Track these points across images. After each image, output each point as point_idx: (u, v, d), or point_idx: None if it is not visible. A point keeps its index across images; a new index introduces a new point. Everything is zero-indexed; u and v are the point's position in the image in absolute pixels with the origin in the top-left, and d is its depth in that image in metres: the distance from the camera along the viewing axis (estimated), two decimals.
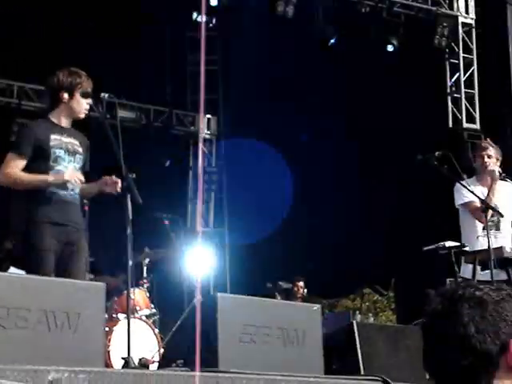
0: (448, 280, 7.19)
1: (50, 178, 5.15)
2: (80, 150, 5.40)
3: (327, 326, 7.16)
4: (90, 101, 5.33)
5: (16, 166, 5.16)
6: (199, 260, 12.82)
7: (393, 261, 11.64)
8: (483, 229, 6.45)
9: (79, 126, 5.53)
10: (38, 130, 5.26)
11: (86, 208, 6.08)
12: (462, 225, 6.74)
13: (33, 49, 10.53)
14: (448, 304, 1.79)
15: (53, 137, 5.25)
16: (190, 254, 10.60)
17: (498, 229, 6.62)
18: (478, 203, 6.39)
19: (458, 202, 6.66)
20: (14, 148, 5.24)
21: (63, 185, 5.19)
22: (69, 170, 5.20)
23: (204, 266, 13.02)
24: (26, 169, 5.19)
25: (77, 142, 5.39)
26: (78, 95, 5.28)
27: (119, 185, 5.16)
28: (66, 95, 5.28)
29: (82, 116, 5.37)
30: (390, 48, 11.24)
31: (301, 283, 11.05)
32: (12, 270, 6.49)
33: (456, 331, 1.73)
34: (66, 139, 5.31)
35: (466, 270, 6.50)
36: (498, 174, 6.56)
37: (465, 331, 1.72)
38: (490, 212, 6.35)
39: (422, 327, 1.85)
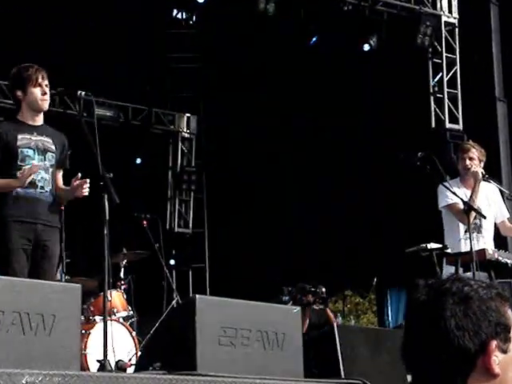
0: None
1: (13, 182, 5.12)
2: (52, 147, 5.38)
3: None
4: (44, 88, 5.27)
5: None
6: (177, 261, 12.76)
7: (374, 263, 11.60)
8: (466, 231, 6.41)
9: (57, 124, 5.45)
10: (4, 131, 5.26)
11: (62, 208, 5.98)
12: (445, 226, 6.72)
13: (8, 45, 10.40)
14: (433, 296, 1.74)
15: (20, 136, 5.25)
16: (169, 255, 10.51)
17: (480, 231, 6.59)
18: (461, 205, 6.34)
19: (442, 203, 6.63)
20: None
21: (32, 185, 5.14)
22: (24, 169, 5.13)
23: (182, 267, 12.96)
24: None
25: (49, 140, 5.36)
26: (30, 88, 5.28)
27: (86, 186, 5.12)
28: (19, 93, 5.32)
29: (44, 107, 5.37)
30: (366, 47, 11.18)
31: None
32: None
33: (436, 324, 1.69)
34: (36, 137, 5.30)
35: (448, 272, 6.45)
36: (480, 175, 6.53)
37: (444, 325, 1.68)
38: (473, 214, 6.30)
39: (405, 316, 1.83)
